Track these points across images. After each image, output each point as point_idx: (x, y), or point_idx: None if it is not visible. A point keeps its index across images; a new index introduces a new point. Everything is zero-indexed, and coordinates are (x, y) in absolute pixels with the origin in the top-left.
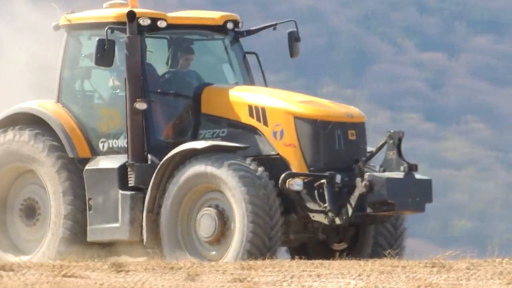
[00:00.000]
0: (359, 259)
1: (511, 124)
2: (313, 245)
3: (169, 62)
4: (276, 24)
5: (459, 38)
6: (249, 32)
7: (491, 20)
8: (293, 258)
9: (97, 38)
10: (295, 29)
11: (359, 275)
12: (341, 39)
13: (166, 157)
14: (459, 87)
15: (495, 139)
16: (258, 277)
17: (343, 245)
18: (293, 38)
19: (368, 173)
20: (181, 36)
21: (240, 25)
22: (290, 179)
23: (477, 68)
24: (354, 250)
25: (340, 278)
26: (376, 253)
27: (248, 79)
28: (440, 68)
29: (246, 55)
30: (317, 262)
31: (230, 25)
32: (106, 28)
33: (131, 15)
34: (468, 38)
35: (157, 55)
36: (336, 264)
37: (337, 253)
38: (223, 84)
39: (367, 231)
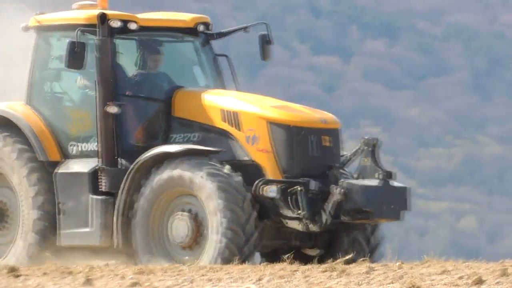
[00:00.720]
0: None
1: (404, 128)
2: (286, 251)
3: (138, 64)
4: (247, 27)
5: (353, 42)
6: (220, 35)
7: (384, 24)
8: (266, 263)
9: (68, 40)
10: (267, 32)
11: (259, 279)
12: (235, 42)
13: (137, 160)
14: (354, 91)
15: (389, 143)
16: (157, 282)
17: (316, 251)
18: (265, 40)
19: (343, 180)
20: (150, 38)
21: (210, 27)
22: (264, 185)
23: (371, 72)
24: (328, 256)
25: (240, 283)
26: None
27: (219, 82)
28: (334, 71)
29: (217, 58)
30: (217, 266)
31: (201, 27)
32: (76, 30)
33: (102, 17)
34: (362, 42)
35: (126, 56)
36: (236, 269)
37: (313, 259)
38: (194, 86)
39: (340, 237)
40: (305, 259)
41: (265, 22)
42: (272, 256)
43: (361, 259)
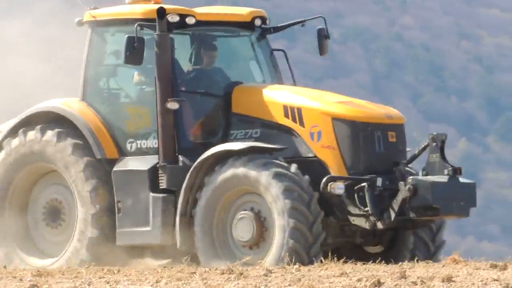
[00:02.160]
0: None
1: None
2: (348, 249)
3: (193, 59)
4: (304, 21)
5: None
6: (277, 29)
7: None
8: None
9: (126, 36)
10: (324, 26)
11: (156, 282)
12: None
13: (200, 158)
14: None
15: None
16: (55, 284)
17: (379, 248)
18: (322, 35)
19: (411, 177)
20: (204, 32)
21: (267, 21)
22: (331, 182)
23: None
24: (390, 254)
25: (138, 285)
26: (413, 259)
27: (276, 77)
28: None
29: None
30: (114, 268)
31: (258, 22)
32: (135, 25)
33: (161, 12)
34: None
35: (179, 51)
36: (134, 271)
37: (376, 257)
38: (250, 82)
39: (405, 235)
40: (367, 257)
41: (322, 16)
42: (333, 254)
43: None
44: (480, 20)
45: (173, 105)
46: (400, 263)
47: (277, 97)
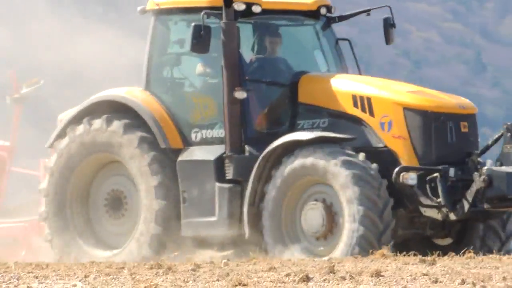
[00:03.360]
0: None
1: None
2: (417, 241)
3: (256, 49)
4: (370, 10)
5: None
6: (342, 18)
7: None
8: (395, 253)
9: (193, 24)
10: (390, 15)
11: (85, 277)
12: None
13: (269, 148)
14: None
15: None
16: None
17: (448, 241)
18: (389, 24)
19: (486, 167)
20: (268, 21)
21: (332, 10)
22: (404, 172)
23: None
24: (460, 247)
25: (66, 280)
26: (482, 251)
27: (341, 67)
28: None
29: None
30: (43, 263)
31: (323, 10)
32: (202, 13)
33: (229, 0)
34: None
35: (241, 41)
36: (62, 266)
37: (444, 249)
38: (315, 71)
39: (475, 226)
40: (437, 249)
41: (388, 5)
42: (401, 246)
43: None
44: (409, 14)
45: (240, 95)
46: (329, 257)
47: (346, 86)
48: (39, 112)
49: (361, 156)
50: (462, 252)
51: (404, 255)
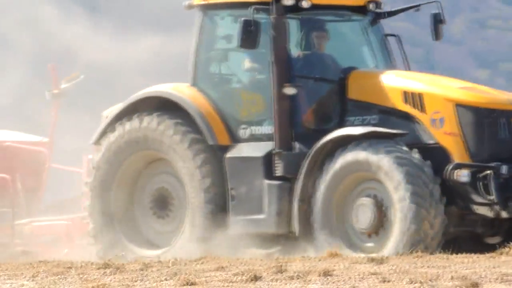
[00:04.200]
0: None
1: None
2: (467, 239)
3: (302, 44)
4: (419, 5)
5: None
6: (391, 13)
7: None
8: (444, 251)
9: (242, 19)
10: (439, 11)
11: (33, 276)
12: None
13: (320, 143)
14: None
15: None
16: None
17: (497, 239)
18: (438, 20)
19: None
20: (315, 17)
21: (381, 5)
22: (457, 170)
23: None
24: (509, 245)
25: (14, 279)
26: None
27: (389, 63)
28: None
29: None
30: None
31: (372, 6)
32: (251, 8)
33: None
34: None
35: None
36: (11, 266)
37: (494, 247)
38: (363, 67)
39: None
40: (486, 248)
41: (438, 0)
42: (451, 244)
43: None
44: None
45: (290, 90)
46: (277, 256)
47: (396, 82)
48: (80, 108)
49: (415, 153)
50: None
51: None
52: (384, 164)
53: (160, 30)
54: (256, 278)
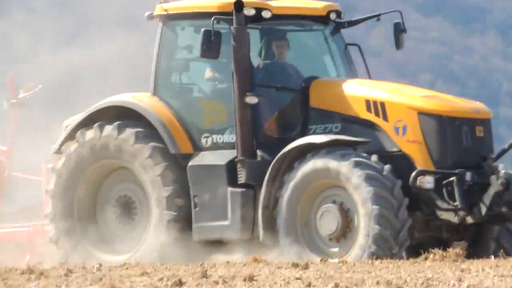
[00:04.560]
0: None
1: None
2: (432, 244)
3: (263, 54)
4: (380, 15)
5: None
6: (351, 23)
7: None
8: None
9: (203, 29)
10: (401, 20)
11: None
12: None
13: (283, 151)
14: None
15: None
16: None
17: (462, 244)
18: (399, 29)
19: (503, 171)
20: (275, 27)
21: (342, 15)
22: (420, 176)
23: None
24: (475, 249)
25: None
26: (497, 254)
27: (350, 72)
28: None
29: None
30: None
31: (333, 16)
32: (212, 19)
33: (239, 5)
34: None
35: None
36: None
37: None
38: (327, 77)
39: (489, 231)
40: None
41: (398, 10)
42: (416, 249)
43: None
44: None
45: (252, 100)
46: (201, 262)
47: (359, 91)
48: (37, 117)
49: (374, 157)
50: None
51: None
52: (343, 169)
53: (118, 35)
54: (180, 283)
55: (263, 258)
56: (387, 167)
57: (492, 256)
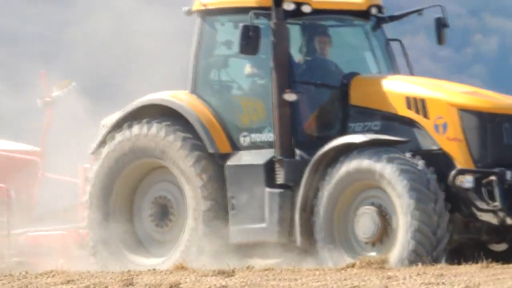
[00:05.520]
0: None
1: None
2: (471, 246)
3: (304, 50)
4: (422, 9)
5: None
6: (393, 18)
7: None
8: (451, 260)
9: (242, 24)
10: (442, 15)
11: None
12: None
13: (321, 151)
14: None
15: None
16: None
17: (503, 246)
18: (441, 24)
19: None
20: (316, 22)
21: (383, 10)
22: (460, 175)
23: None
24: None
25: None
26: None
27: (392, 68)
28: None
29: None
30: None
31: (374, 10)
32: (250, 13)
33: (278, 0)
34: None
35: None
36: None
37: (499, 255)
38: (366, 73)
39: None
40: (491, 255)
41: (440, 4)
42: (456, 251)
43: None
44: None
45: (290, 97)
46: (128, 270)
47: (399, 88)
48: (73, 116)
49: (421, 164)
50: None
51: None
52: (387, 173)
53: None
54: None
55: (189, 266)
56: (433, 177)
57: (420, 264)
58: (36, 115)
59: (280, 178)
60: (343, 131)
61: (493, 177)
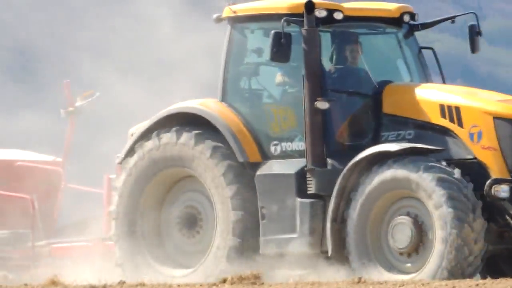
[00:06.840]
0: None
1: None
2: (506, 257)
3: (334, 57)
4: (454, 17)
5: None
6: (425, 25)
7: None
8: (485, 270)
9: (273, 31)
10: (476, 23)
11: None
12: None
13: (354, 160)
14: None
15: None
16: None
17: None
18: (474, 32)
19: None
20: (347, 29)
21: (416, 17)
22: (495, 185)
23: None
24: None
25: None
26: None
27: (424, 76)
28: None
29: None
30: None
31: (406, 18)
32: (282, 20)
33: (310, 6)
34: None
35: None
36: None
37: None
38: (398, 81)
39: None
40: None
41: (474, 12)
42: (490, 262)
43: None
44: None
45: (322, 105)
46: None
47: (433, 96)
48: (96, 126)
49: (457, 173)
50: None
51: None
52: (425, 183)
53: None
54: None
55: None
56: (470, 186)
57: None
58: (60, 125)
59: (311, 188)
60: (376, 140)
61: None
